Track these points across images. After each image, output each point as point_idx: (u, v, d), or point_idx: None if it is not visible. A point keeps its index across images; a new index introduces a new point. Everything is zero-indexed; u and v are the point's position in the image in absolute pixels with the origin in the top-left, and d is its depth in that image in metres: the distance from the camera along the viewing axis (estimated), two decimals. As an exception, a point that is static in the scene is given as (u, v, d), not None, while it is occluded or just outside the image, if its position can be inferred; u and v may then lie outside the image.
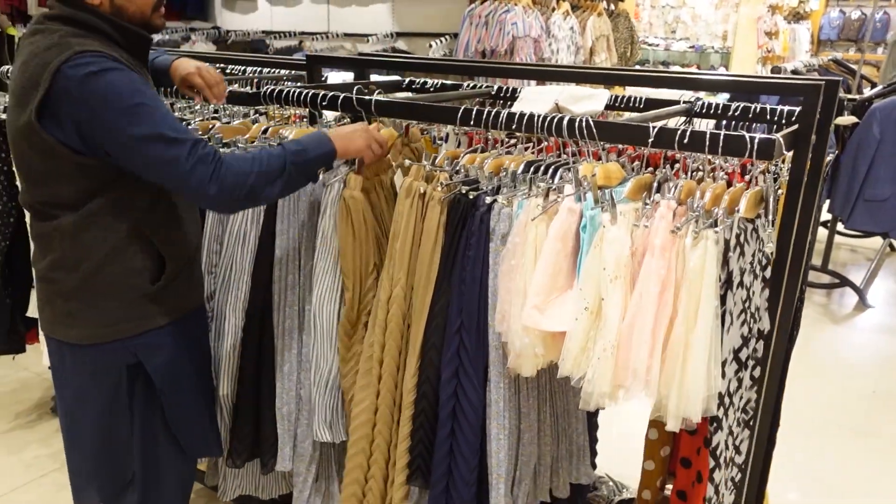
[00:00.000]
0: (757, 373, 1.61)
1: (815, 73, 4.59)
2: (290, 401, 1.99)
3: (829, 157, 2.16)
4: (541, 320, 1.46)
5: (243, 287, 1.95)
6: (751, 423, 1.66)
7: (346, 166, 1.77)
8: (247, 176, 1.49)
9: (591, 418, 2.00)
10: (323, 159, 1.63)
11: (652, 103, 2.21)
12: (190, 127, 2.01)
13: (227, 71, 3.35)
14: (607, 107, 2.22)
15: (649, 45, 6.77)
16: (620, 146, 1.92)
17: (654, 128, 1.50)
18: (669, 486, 2.25)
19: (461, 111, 1.64)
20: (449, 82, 2.56)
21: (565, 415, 1.87)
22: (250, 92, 2.17)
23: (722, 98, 3.39)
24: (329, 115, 2.35)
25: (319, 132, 1.65)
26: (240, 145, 1.97)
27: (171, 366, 1.74)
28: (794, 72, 4.32)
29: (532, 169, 1.61)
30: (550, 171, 1.59)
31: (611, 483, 2.53)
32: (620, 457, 2.56)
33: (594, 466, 2.07)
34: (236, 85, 2.90)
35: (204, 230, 1.97)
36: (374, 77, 2.63)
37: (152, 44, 1.69)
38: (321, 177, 1.77)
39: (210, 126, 2.07)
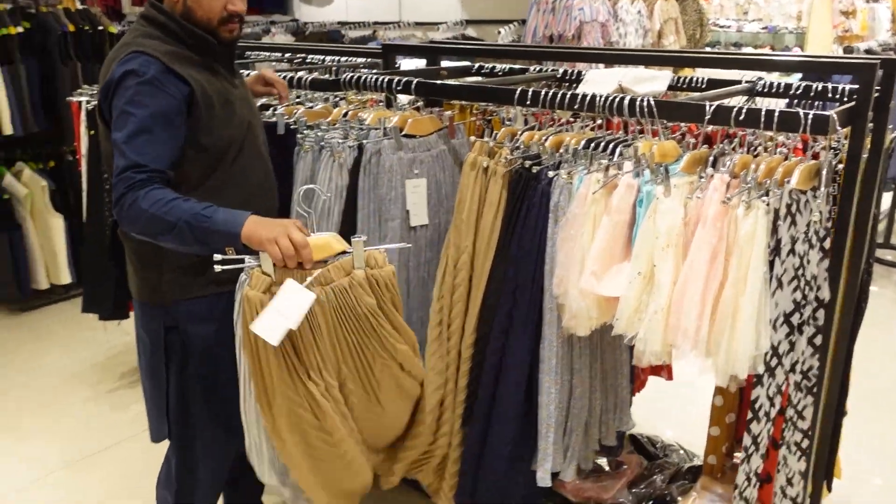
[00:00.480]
0: (818, 340, 1.69)
1: (891, 52, 4.48)
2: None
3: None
4: (597, 286, 1.58)
5: (326, 258, 2.13)
6: (814, 390, 1.74)
7: (255, 261, 1.54)
8: (142, 213, 1.56)
9: (631, 372, 2.13)
10: (225, 237, 1.56)
11: (714, 84, 2.28)
12: (277, 111, 2.21)
13: (307, 60, 3.55)
14: (670, 88, 2.30)
15: (720, 27, 6.67)
16: (684, 126, 2.01)
17: (710, 105, 1.59)
18: (738, 455, 2.33)
19: (518, 92, 1.77)
20: (517, 66, 2.68)
21: (613, 371, 2.00)
22: (330, 79, 2.34)
23: (795, 78, 3.39)
24: (403, 98, 2.50)
25: (247, 214, 1.58)
26: (322, 127, 2.15)
27: (208, 334, 1.81)
28: (868, 51, 4.24)
29: (592, 145, 1.73)
30: (610, 147, 1.71)
31: (681, 451, 2.62)
32: (689, 427, 2.65)
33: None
34: (316, 73, 3.10)
35: (290, 204, 2.16)
36: (445, 63, 2.77)
37: (225, 47, 1.80)
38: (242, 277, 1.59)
39: (294, 111, 2.26)
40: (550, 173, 1.69)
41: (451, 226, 1.87)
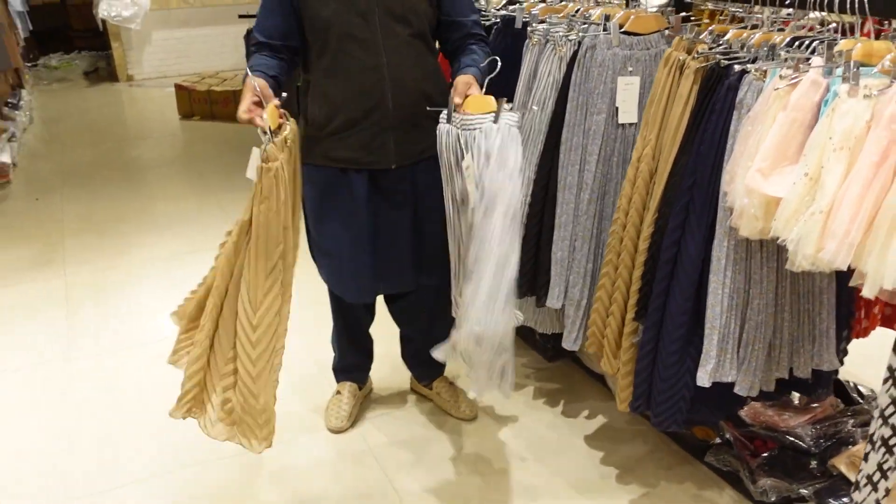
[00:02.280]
0: None
1: None
2: (564, 248, 2.32)
3: None
4: (762, 184, 1.56)
5: (538, 146, 2.31)
6: None
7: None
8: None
9: (843, 308, 1.99)
10: None
11: None
12: (519, 7, 2.41)
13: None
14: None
15: None
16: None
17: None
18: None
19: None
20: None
21: (809, 296, 1.91)
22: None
23: None
24: (653, 3, 2.48)
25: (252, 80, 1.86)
26: (552, 22, 2.30)
27: (312, 196, 2.18)
28: None
29: (796, 44, 1.65)
30: (813, 45, 1.62)
31: None
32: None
33: (845, 353, 2.05)
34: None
35: (514, 97, 2.37)
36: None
37: None
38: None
39: (533, 7, 2.43)
40: (737, 67, 1.67)
41: (642, 119, 1.93)
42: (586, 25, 2.19)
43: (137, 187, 5.14)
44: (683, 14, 2.21)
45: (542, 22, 2.33)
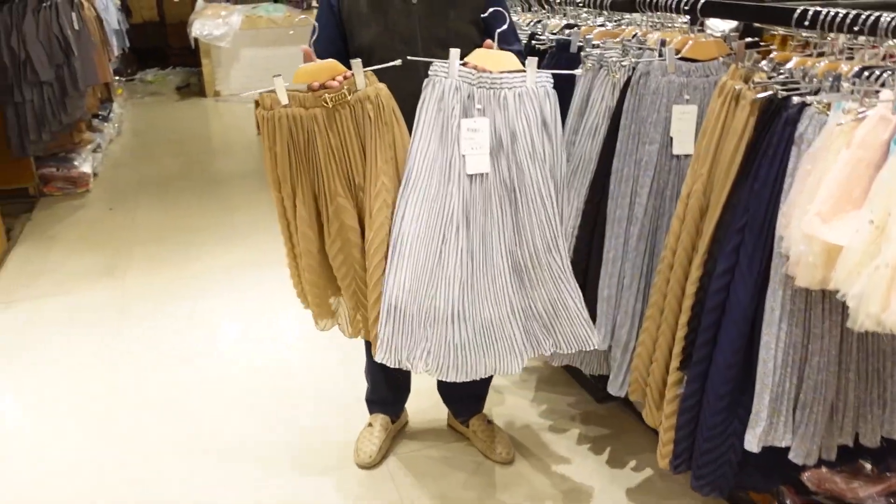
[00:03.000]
0: None
1: None
2: (612, 285, 2.17)
3: None
4: (821, 229, 1.39)
5: (588, 175, 2.18)
6: None
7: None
8: None
9: None
10: None
11: None
12: (573, 31, 2.29)
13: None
14: None
15: None
16: None
17: None
18: None
19: (798, 11, 1.57)
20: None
21: (879, 355, 1.70)
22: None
23: None
24: (717, 24, 2.31)
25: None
26: (607, 46, 2.17)
27: None
28: None
29: (865, 74, 1.47)
30: (883, 77, 1.44)
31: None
32: None
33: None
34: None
35: (565, 123, 2.24)
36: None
37: None
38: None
39: (590, 31, 2.31)
40: (797, 99, 1.50)
41: (694, 153, 1.78)
42: (641, 50, 2.05)
43: (210, 199, 5.24)
44: (751, 40, 2.04)
45: (597, 47, 2.20)
